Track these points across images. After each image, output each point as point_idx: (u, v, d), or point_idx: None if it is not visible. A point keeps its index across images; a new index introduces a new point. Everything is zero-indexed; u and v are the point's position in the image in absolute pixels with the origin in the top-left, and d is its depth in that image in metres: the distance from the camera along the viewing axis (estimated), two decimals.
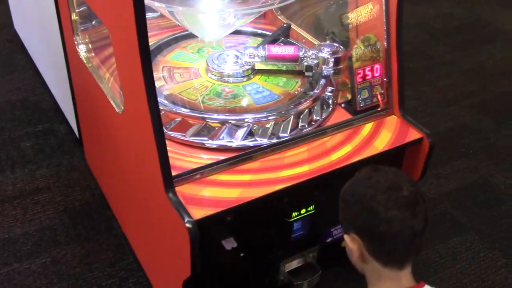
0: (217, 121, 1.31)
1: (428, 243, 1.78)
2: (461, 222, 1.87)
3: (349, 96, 1.49)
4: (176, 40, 1.65)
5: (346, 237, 1.02)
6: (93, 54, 1.55)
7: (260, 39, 1.67)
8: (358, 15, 1.45)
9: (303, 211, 1.29)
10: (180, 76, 1.47)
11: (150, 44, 1.56)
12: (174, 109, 1.33)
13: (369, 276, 1.03)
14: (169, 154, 1.13)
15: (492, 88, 2.58)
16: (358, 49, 1.42)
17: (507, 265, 1.73)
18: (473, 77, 2.65)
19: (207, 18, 1.50)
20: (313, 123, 1.39)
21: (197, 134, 1.30)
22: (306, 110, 1.39)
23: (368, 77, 1.44)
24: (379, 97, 1.46)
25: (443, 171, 2.07)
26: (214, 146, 1.29)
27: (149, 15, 1.71)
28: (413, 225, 0.95)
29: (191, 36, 1.64)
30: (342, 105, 1.48)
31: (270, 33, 1.69)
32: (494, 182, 2.04)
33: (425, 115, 2.34)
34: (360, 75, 1.43)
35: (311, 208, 1.30)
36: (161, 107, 1.32)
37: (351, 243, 1.01)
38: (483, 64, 2.75)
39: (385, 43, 1.42)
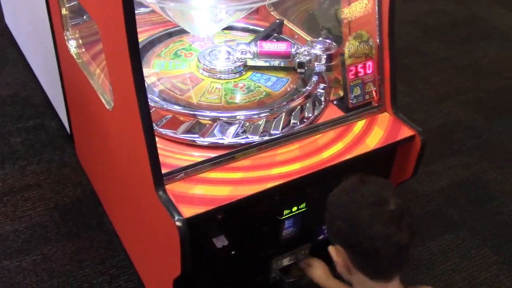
0: (208, 118, 1.30)
1: (420, 240, 1.78)
2: (453, 219, 1.87)
3: (341, 93, 1.48)
4: (169, 35, 1.63)
5: (331, 248, 1.01)
6: (83, 50, 1.53)
7: (252, 35, 1.65)
8: (350, 11, 1.44)
9: (294, 209, 1.29)
10: (183, 85, 1.43)
11: (141, 39, 1.57)
12: (165, 106, 1.32)
13: (356, 286, 1.02)
14: (160, 151, 1.12)
15: (486, 85, 2.58)
16: (350, 46, 1.41)
17: (498, 262, 1.73)
18: (467, 74, 2.65)
19: (199, 14, 1.48)
20: (305, 121, 1.38)
21: (188, 131, 1.29)
22: (298, 107, 1.38)
23: (360, 74, 1.43)
24: (373, 93, 1.45)
25: (435, 168, 2.07)
26: (205, 143, 1.28)
27: (140, 10, 1.70)
28: (398, 240, 0.94)
29: (178, 33, 1.62)
30: (334, 102, 1.48)
31: (262, 29, 1.68)
32: (486, 179, 2.04)
33: (418, 111, 2.34)
34: (352, 72, 1.42)
35: (302, 205, 1.30)
36: (152, 104, 1.31)
37: (336, 255, 1.00)
38: (478, 61, 2.75)
39: (378, 40, 1.41)
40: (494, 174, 2.06)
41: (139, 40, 1.52)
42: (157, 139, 1.14)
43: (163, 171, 1.14)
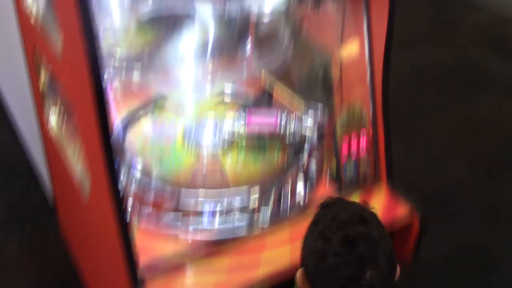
0: (191, 208, 1.22)
1: None
2: None
3: (334, 164, 1.40)
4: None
5: (299, 271, 0.94)
6: (63, 129, 1.45)
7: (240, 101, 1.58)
8: (342, 80, 1.39)
9: None
10: (211, 175, 1.32)
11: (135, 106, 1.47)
12: (145, 196, 1.23)
13: None
14: (139, 244, 1.04)
15: (484, 139, 2.49)
16: (343, 120, 1.35)
17: None
18: (465, 127, 2.56)
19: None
20: (296, 205, 1.30)
21: (170, 222, 1.21)
22: (289, 188, 1.31)
23: (353, 148, 1.37)
24: (368, 168, 1.38)
25: (436, 231, 1.96)
26: (188, 238, 1.19)
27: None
28: None
29: None
30: (328, 177, 1.40)
31: (251, 94, 1.61)
32: (489, 243, 1.94)
33: (415, 170, 2.23)
34: (345, 146, 1.36)
35: None
36: (133, 189, 1.24)
37: (302, 283, 0.93)
38: (475, 113, 2.66)
39: (371, 111, 1.35)
40: (497, 237, 1.96)
41: (131, 107, 1.47)
42: (137, 230, 1.06)
43: (142, 268, 1.05)
